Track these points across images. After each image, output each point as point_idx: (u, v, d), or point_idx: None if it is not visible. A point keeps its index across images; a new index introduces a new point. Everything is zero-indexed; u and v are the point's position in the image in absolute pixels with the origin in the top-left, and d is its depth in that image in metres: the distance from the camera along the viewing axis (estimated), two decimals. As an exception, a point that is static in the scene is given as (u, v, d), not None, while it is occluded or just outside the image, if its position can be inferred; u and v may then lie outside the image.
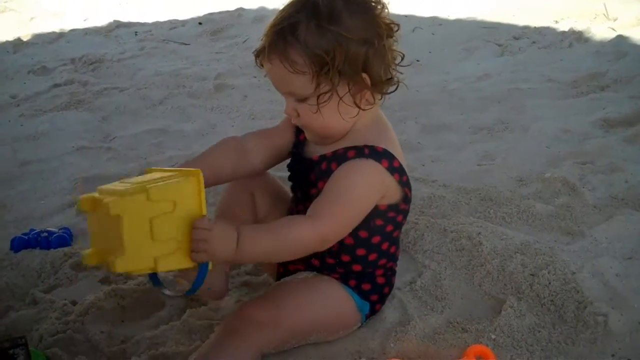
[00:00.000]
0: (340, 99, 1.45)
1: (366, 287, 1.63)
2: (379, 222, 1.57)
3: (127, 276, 1.90)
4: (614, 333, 1.57)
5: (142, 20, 5.35)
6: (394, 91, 1.53)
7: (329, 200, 1.48)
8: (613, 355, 1.53)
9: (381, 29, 1.47)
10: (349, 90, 1.46)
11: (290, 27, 1.42)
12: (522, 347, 1.56)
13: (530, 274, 1.77)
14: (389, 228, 1.60)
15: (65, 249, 2.06)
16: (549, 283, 1.72)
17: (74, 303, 1.80)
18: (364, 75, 1.45)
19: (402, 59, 1.53)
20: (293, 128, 1.68)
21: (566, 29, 4.30)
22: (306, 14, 1.42)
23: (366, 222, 1.54)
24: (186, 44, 4.65)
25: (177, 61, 4.26)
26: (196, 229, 1.32)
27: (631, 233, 1.98)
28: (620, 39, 3.89)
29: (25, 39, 4.97)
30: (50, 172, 2.74)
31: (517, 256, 1.84)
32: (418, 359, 1.53)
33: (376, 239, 1.59)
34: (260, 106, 3.36)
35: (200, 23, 5.15)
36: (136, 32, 5.00)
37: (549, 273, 1.75)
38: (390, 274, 1.69)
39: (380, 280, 1.66)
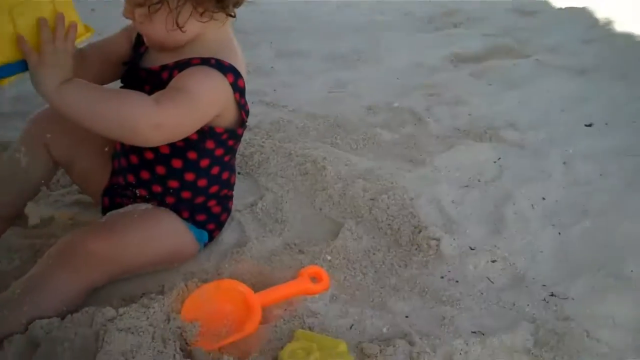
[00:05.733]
0: (171, 10, 1.34)
1: (201, 217, 1.56)
2: (209, 144, 1.48)
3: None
4: (445, 256, 1.62)
5: None
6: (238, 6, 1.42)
7: (173, 92, 1.35)
8: (442, 277, 1.57)
9: None
10: (184, 2, 1.34)
11: None
12: (356, 269, 1.57)
13: (370, 199, 1.77)
14: (219, 152, 1.51)
15: None
16: (388, 208, 1.74)
17: None
18: None
19: None
20: (131, 38, 1.57)
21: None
22: None
23: (196, 143, 1.46)
24: None
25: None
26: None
27: (470, 163, 2.04)
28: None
29: None
30: None
31: (359, 181, 1.84)
32: (252, 280, 1.50)
33: (205, 162, 1.50)
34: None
35: None
36: None
37: (388, 198, 1.76)
38: (225, 201, 1.63)
39: (216, 209, 1.59)
